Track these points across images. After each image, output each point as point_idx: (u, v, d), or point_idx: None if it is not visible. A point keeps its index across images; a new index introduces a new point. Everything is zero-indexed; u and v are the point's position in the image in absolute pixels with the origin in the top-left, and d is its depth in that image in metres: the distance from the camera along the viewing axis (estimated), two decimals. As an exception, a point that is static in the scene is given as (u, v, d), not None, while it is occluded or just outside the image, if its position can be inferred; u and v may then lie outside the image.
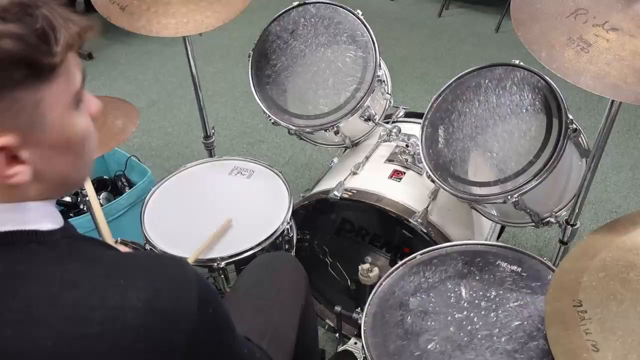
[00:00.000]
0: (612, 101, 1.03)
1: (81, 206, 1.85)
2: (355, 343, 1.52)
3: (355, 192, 1.37)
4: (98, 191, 1.93)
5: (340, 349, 1.54)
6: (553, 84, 1.14)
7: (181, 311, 0.59)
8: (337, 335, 1.59)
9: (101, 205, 1.67)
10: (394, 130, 1.50)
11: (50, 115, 0.56)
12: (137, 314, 0.56)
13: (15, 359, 0.52)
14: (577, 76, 0.87)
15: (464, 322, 1.00)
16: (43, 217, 0.60)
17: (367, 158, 1.51)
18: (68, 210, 1.87)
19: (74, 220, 1.70)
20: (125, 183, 1.99)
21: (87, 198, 1.48)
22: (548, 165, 1.11)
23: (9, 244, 0.56)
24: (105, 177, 2.05)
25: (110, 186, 2.01)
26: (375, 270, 1.37)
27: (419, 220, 1.29)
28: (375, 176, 1.45)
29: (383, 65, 1.50)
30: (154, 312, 0.57)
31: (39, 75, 0.53)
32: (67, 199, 1.92)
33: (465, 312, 1.02)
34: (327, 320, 1.68)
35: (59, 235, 0.60)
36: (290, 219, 1.35)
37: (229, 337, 0.70)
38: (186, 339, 0.58)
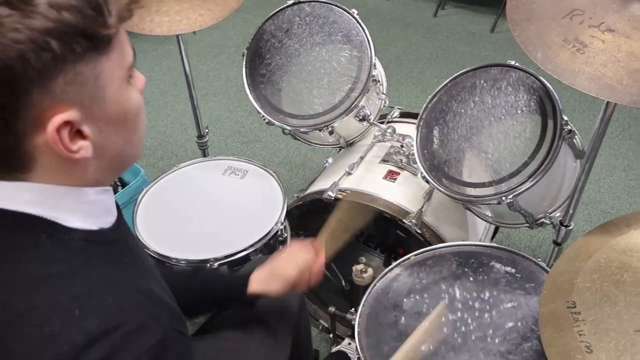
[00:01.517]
0: (607, 102, 1.03)
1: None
2: (349, 344, 1.52)
3: (349, 192, 1.36)
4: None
5: (334, 349, 1.53)
6: (548, 85, 1.14)
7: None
8: (331, 335, 1.59)
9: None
10: (389, 130, 1.50)
11: (109, 89, 0.57)
12: (61, 353, 0.52)
13: None
14: (572, 77, 0.87)
15: (458, 324, 1.00)
16: (74, 211, 0.59)
17: (361, 158, 1.50)
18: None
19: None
20: (117, 182, 1.97)
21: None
22: (543, 167, 1.10)
23: (21, 224, 0.56)
24: (98, 176, 2.03)
25: (103, 185, 1.99)
26: (370, 270, 1.36)
27: (414, 220, 1.28)
28: (369, 176, 1.44)
29: (378, 65, 1.49)
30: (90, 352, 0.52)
31: (97, 47, 0.54)
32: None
33: (459, 314, 1.02)
34: (321, 321, 1.67)
35: (81, 236, 0.59)
36: (284, 220, 1.34)
37: None
38: None
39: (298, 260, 0.99)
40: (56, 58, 0.51)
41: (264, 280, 0.97)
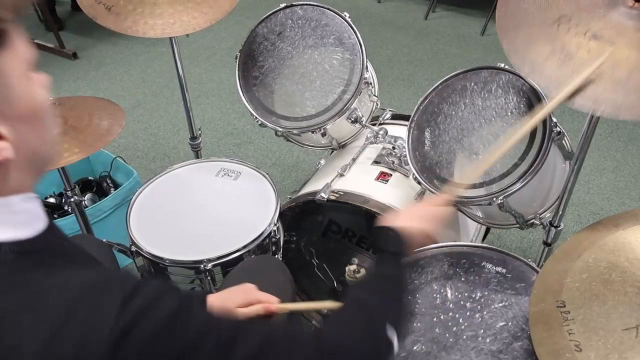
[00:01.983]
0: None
1: (66, 207, 1.83)
2: (342, 344, 1.52)
3: (342, 193, 1.37)
4: (83, 192, 1.91)
5: (326, 350, 1.54)
6: (537, 87, 1.15)
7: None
8: (323, 336, 1.60)
9: (86, 206, 1.65)
10: (381, 132, 1.51)
11: (15, 85, 0.55)
12: (32, 358, 0.51)
13: None
14: (557, 89, 0.89)
15: (450, 323, 1.01)
16: (22, 221, 0.58)
17: (354, 160, 1.51)
18: (52, 211, 1.85)
19: (59, 222, 1.69)
20: (110, 184, 1.98)
21: (72, 199, 1.47)
22: (533, 168, 1.12)
23: None
24: (90, 178, 2.03)
25: (95, 187, 1.99)
26: (362, 271, 1.37)
27: (406, 221, 1.29)
28: (362, 178, 1.45)
29: (370, 67, 1.50)
30: (50, 358, 0.52)
31: None
32: (52, 200, 1.91)
33: (450, 314, 1.03)
34: (314, 322, 1.68)
35: (9, 247, 0.57)
36: (277, 221, 1.35)
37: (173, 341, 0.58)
38: None
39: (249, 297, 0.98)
40: None
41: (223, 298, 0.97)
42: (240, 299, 0.96)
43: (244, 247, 1.26)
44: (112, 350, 0.52)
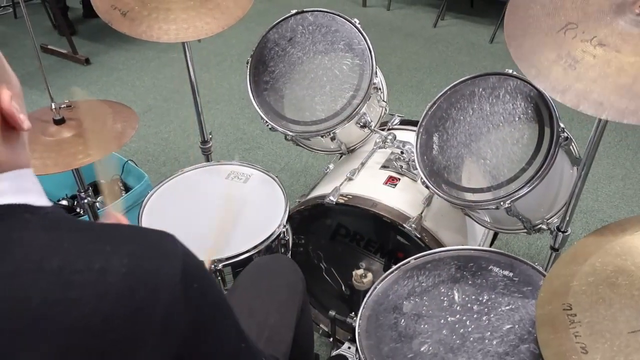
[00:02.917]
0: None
1: (78, 209, 1.86)
2: (349, 348, 1.53)
3: (350, 197, 1.38)
4: (95, 194, 1.93)
5: (334, 353, 1.55)
6: (545, 93, 1.16)
7: (162, 281, 0.59)
8: (331, 339, 1.61)
9: (98, 208, 1.68)
10: (390, 137, 1.52)
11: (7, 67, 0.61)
12: (119, 279, 0.56)
13: (6, 316, 0.53)
14: (562, 93, 0.90)
15: (457, 325, 1.02)
16: (35, 193, 0.62)
17: (362, 164, 1.53)
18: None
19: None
20: (122, 187, 2.00)
21: (85, 201, 1.49)
22: (540, 172, 1.13)
23: (6, 215, 0.59)
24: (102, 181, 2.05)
25: (106, 190, 2.02)
26: (369, 276, 1.38)
27: (413, 225, 1.31)
28: (370, 182, 1.47)
29: (379, 73, 1.52)
30: (135, 279, 0.57)
31: None
32: (64, 202, 1.93)
33: (457, 316, 1.04)
34: (321, 325, 1.69)
35: (50, 209, 0.62)
36: (286, 223, 1.37)
37: (215, 320, 0.68)
38: (165, 310, 0.59)
39: None
40: None
41: None
42: None
43: (254, 247, 1.27)
44: (183, 283, 0.60)
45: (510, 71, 1.22)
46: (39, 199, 0.62)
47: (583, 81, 0.89)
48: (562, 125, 1.14)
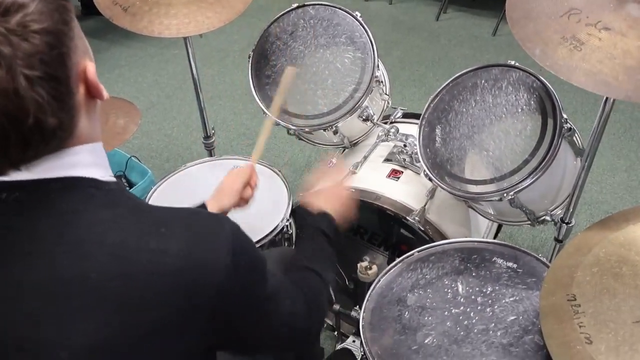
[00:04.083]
0: (606, 100, 1.05)
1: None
2: (354, 341, 1.54)
3: (353, 190, 1.38)
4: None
5: (338, 347, 1.55)
6: (548, 84, 1.16)
7: (214, 262, 0.63)
8: (335, 333, 1.61)
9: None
10: (392, 130, 1.52)
11: None
12: (175, 260, 0.60)
13: (65, 286, 0.57)
14: (569, 73, 0.89)
15: (461, 317, 1.02)
16: (103, 167, 0.66)
17: (365, 158, 1.53)
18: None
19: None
20: (125, 184, 2.01)
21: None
22: (543, 164, 1.13)
23: (72, 187, 0.62)
24: (105, 177, 2.06)
25: (110, 186, 2.02)
26: (374, 267, 1.38)
27: (417, 218, 1.31)
28: (373, 175, 1.47)
29: (381, 66, 1.52)
30: (189, 261, 0.61)
31: None
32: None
33: (461, 308, 1.04)
34: (326, 319, 1.69)
35: (114, 186, 0.66)
36: (290, 217, 1.37)
37: (261, 291, 0.73)
38: (217, 289, 0.63)
39: (239, 176, 1.14)
40: (70, 10, 0.59)
41: (217, 199, 1.09)
42: (231, 199, 1.11)
43: (258, 241, 1.28)
44: (233, 264, 0.64)
45: (513, 62, 1.21)
46: (105, 174, 0.65)
47: (589, 62, 0.89)
48: (564, 115, 1.13)
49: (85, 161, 0.63)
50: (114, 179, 0.67)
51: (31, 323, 0.56)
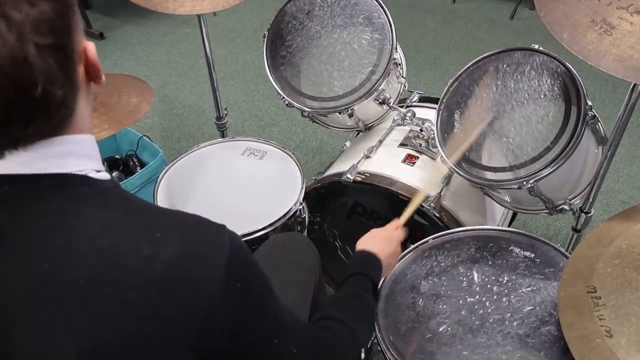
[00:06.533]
0: (633, 87, 1.02)
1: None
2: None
3: (368, 175, 1.36)
4: (110, 170, 1.94)
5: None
6: (573, 69, 1.12)
7: (206, 274, 0.58)
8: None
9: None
10: (409, 114, 1.49)
11: None
12: (165, 268, 0.56)
13: (52, 291, 0.54)
14: (598, 58, 0.86)
15: (476, 306, 1.00)
16: (96, 160, 0.63)
17: (380, 142, 1.50)
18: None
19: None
20: (136, 163, 2.00)
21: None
22: (565, 152, 1.10)
23: (64, 185, 0.58)
24: (116, 156, 2.05)
25: (121, 166, 2.01)
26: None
27: (432, 204, 1.28)
28: (388, 160, 1.44)
29: (399, 48, 1.48)
30: (180, 270, 0.57)
31: None
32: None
33: (477, 297, 1.02)
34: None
35: (109, 184, 0.62)
36: (302, 201, 1.35)
37: (257, 323, 0.65)
38: (209, 302, 0.57)
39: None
40: None
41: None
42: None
43: (270, 225, 1.26)
44: (227, 281, 0.59)
45: (537, 46, 1.17)
46: (99, 168, 0.62)
47: (620, 47, 0.86)
48: (589, 102, 1.10)
49: (80, 151, 0.60)
50: (108, 177, 0.63)
51: (13, 328, 0.53)
